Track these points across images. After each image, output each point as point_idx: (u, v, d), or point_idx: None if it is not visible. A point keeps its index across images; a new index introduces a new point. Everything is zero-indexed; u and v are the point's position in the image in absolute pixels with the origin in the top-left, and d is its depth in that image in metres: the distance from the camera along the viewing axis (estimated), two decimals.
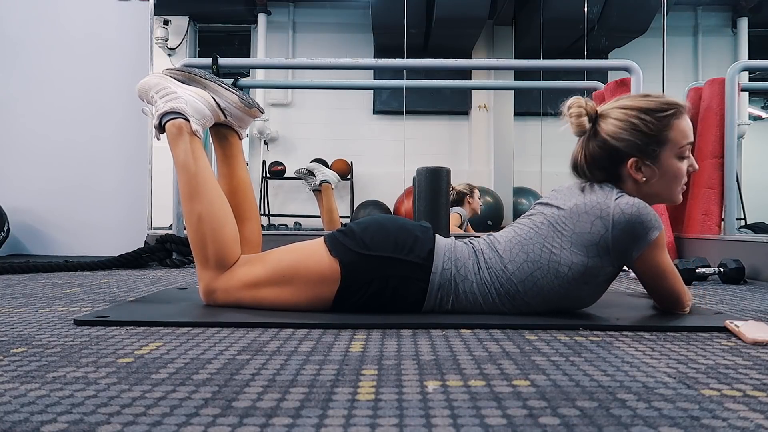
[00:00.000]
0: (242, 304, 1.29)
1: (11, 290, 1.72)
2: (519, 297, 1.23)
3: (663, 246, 1.21)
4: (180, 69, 1.41)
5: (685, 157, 1.25)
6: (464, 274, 1.24)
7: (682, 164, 1.24)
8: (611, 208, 1.17)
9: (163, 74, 1.40)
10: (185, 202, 1.31)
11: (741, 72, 2.81)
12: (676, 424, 0.62)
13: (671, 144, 1.23)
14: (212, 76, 1.42)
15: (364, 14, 4.94)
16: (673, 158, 1.23)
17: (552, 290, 1.21)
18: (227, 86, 1.41)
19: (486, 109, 5.10)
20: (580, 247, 1.18)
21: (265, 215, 5.02)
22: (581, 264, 1.18)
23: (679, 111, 1.24)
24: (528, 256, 1.21)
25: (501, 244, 1.26)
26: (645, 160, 1.23)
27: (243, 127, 1.47)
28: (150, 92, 1.36)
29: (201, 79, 1.40)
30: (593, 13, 4.59)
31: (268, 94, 5.05)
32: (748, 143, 4.61)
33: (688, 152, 1.25)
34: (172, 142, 1.32)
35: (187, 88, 1.37)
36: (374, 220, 1.31)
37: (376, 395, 0.71)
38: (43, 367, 0.83)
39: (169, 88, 1.35)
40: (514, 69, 4.28)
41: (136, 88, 1.39)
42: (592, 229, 1.18)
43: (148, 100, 1.37)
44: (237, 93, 1.41)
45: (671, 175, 1.24)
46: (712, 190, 2.80)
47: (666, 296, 1.28)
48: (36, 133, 3.45)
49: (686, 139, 1.23)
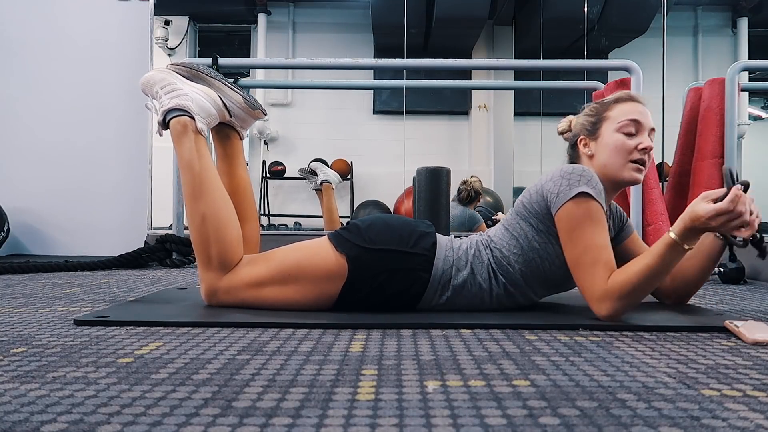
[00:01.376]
0: (246, 304, 1.29)
1: (11, 290, 1.72)
2: (510, 269, 1.28)
3: (590, 214, 1.18)
4: (186, 65, 1.39)
5: (629, 134, 1.30)
6: (464, 262, 1.29)
7: (624, 138, 1.30)
8: (555, 168, 1.28)
9: (169, 69, 1.38)
10: (188, 201, 1.30)
11: (741, 72, 2.80)
12: (676, 424, 0.62)
13: (610, 120, 1.32)
14: (218, 74, 1.40)
15: (364, 14, 4.94)
16: (613, 132, 1.31)
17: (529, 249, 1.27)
18: (232, 86, 1.40)
19: (486, 109, 5.10)
20: (530, 202, 1.29)
21: (265, 215, 5.02)
22: (532, 212, 1.28)
23: (623, 98, 1.34)
24: (507, 229, 1.32)
25: (493, 234, 1.34)
26: (590, 137, 1.35)
27: (245, 127, 1.47)
28: (155, 87, 1.34)
29: (206, 77, 1.39)
30: (593, 13, 4.59)
31: (268, 94, 5.05)
32: (748, 143, 4.61)
33: (633, 130, 1.30)
34: (177, 140, 1.31)
35: (193, 86, 1.36)
36: (377, 217, 1.35)
37: (376, 395, 0.71)
38: (43, 367, 0.83)
39: (174, 84, 1.33)
40: (514, 69, 4.28)
41: (140, 81, 1.36)
42: (537, 183, 1.30)
43: (152, 94, 1.35)
44: (242, 93, 1.40)
45: (612, 146, 1.31)
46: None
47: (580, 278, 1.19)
48: (36, 132, 3.45)
49: (626, 116, 1.30)
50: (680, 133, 3.15)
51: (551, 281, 1.31)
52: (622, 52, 4.72)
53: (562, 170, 1.25)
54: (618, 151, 1.30)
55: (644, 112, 1.31)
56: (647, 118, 1.31)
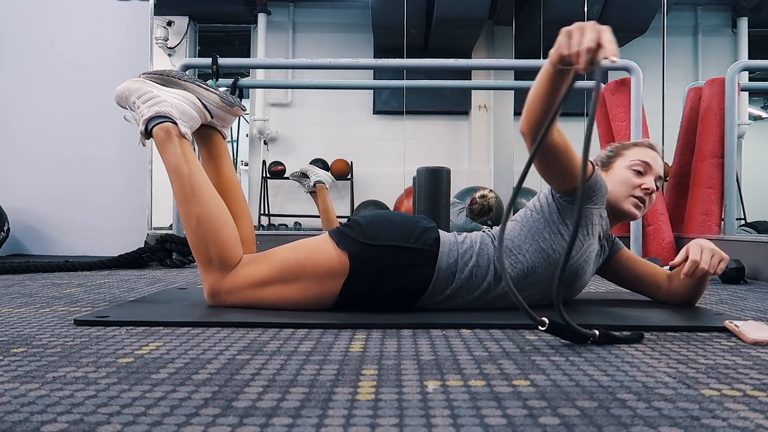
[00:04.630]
0: (248, 303, 1.29)
1: (11, 290, 1.72)
2: (516, 259, 1.29)
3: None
4: (157, 72, 1.38)
5: (637, 172, 1.39)
6: (469, 255, 1.29)
7: (632, 175, 1.39)
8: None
9: (142, 78, 1.36)
10: (181, 205, 1.29)
11: (741, 72, 2.81)
12: (676, 424, 0.62)
13: (625, 157, 1.43)
14: (191, 77, 1.40)
15: (364, 14, 4.94)
16: (623, 168, 1.41)
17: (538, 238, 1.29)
18: (207, 86, 1.39)
19: (486, 109, 5.10)
20: (542, 198, 1.34)
21: (265, 215, 5.02)
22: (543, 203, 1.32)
23: (642, 144, 1.45)
24: (516, 221, 1.34)
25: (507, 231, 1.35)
26: (603, 168, 1.46)
27: (226, 126, 1.46)
28: (131, 98, 1.33)
29: (180, 81, 1.37)
30: (593, 13, 4.59)
31: (268, 94, 5.06)
32: (748, 143, 4.61)
33: (642, 170, 1.39)
34: (161, 147, 1.30)
35: (170, 91, 1.34)
36: (379, 213, 1.35)
37: (376, 395, 0.71)
38: (43, 367, 0.83)
39: (151, 92, 1.32)
40: (514, 69, 4.28)
41: (114, 94, 1.34)
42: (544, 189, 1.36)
43: (129, 106, 1.34)
44: (217, 93, 1.40)
45: (619, 177, 1.40)
46: (712, 190, 2.80)
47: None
48: (36, 133, 3.45)
49: (638, 157, 1.40)
50: (680, 133, 3.15)
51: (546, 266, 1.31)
52: (622, 52, 4.69)
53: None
54: (623, 183, 1.39)
55: (656, 159, 1.42)
56: (657, 164, 1.42)
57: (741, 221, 4.11)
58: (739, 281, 2.07)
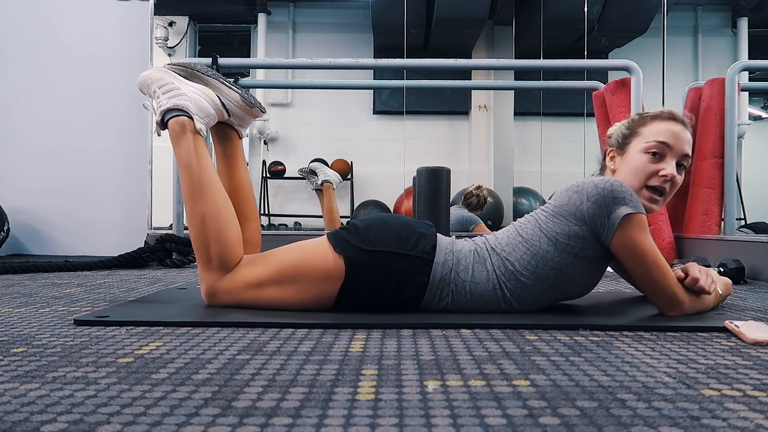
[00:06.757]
0: (245, 304, 1.28)
1: (11, 290, 1.72)
2: (519, 282, 1.25)
3: (642, 227, 1.20)
4: (183, 64, 1.38)
5: (653, 154, 1.28)
6: (465, 266, 1.26)
7: (647, 161, 1.28)
8: (586, 184, 1.24)
9: (166, 69, 1.37)
10: (188, 202, 1.29)
11: (741, 72, 2.81)
12: (676, 424, 0.62)
13: (641, 137, 1.30)
14: (215, 72, 1.39)
15: (364, 14, 4.94)
16: (639, 152, 1.29)
17: (548, 268, 1.24)
18: (229, 84, 1.39)
19: (486, 109, 5.10)
20: (560, 217, 1.25)
21: (265, 215, 5.02)
22: (564, 233, 1.23)
23: (663, 115, 1.30)
24: (524, 240, 1.27)
25: (502, 239, 1.30)
26: (618, 151, 1.35)
27: (243, 126, 1.46)
28: (152, 86, 1.33)
29: (203, 76, 1.38)
30: (593, 13, 4.59)
31: (268, 94, 5.05)
32: (748, 143, 4.61)
33: (658, 152, 1.28)
34: (175, 141, 1.30)
35: (191, 85, 1.35)
36: (377, 217, 1.32)
37: (376, 395, 0.71)
38: (43, 367, 0.83)
39: (172, 83, 1.32)
40: (514, 69, 4.29)
41: (137, 79, 1.35)
42: (569, 201, 1.24)
43: (150, 94, 1.34)
44: (239, 91, 1.39)
45: (632, 165, 1.30)
46: (712, 190, 2.79)
47: (654, 288, 1.22)
48: (36, 132, 3.45)
49: (656, 137, 1.28)
50: None
51: (562, 296, 1.30)
52: (622, 52, 4.73)
53: (596, 194, 1.20)
54: (637, 173, 1.28)
55: (678, 135, 1.27)
56: (680, 141, 1.27)
57: (741, 222, 4.12)
58: (739, 281, 2.07)
